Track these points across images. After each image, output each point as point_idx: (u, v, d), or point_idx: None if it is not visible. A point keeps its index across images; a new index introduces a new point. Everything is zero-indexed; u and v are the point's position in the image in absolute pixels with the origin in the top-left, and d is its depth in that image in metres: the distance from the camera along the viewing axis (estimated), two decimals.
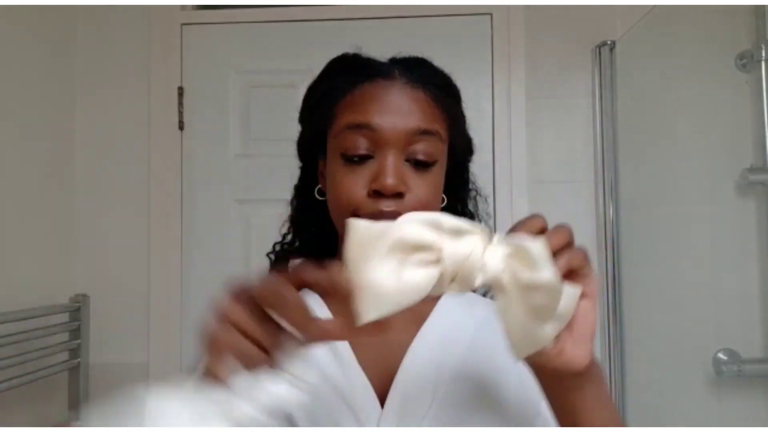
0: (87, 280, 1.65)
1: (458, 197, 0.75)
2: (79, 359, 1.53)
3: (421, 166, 0.62)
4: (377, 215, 0.59)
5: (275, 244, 0.79)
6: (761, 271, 1.30)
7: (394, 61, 0.67)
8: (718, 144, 1.37)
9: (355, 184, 0.61)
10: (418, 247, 0.40)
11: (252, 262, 1.66)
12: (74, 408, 1.54)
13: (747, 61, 1.31)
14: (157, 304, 1.65)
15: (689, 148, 1.42)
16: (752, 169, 1.29)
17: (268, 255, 0.79)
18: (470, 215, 0.77)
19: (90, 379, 1.59)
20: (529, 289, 0.41)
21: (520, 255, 0.41)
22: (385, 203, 0.59)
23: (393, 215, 0.58)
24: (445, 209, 0.70)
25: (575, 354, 0.45)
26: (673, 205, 1.46)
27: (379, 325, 0.40)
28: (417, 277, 0.40)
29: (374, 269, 0.39)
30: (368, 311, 0.39)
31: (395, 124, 0.60)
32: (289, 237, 0.78)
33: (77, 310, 1.54)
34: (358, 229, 0.41)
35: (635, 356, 1.49)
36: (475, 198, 0.77)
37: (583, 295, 0.44)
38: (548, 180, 1.63)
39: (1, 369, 1.26)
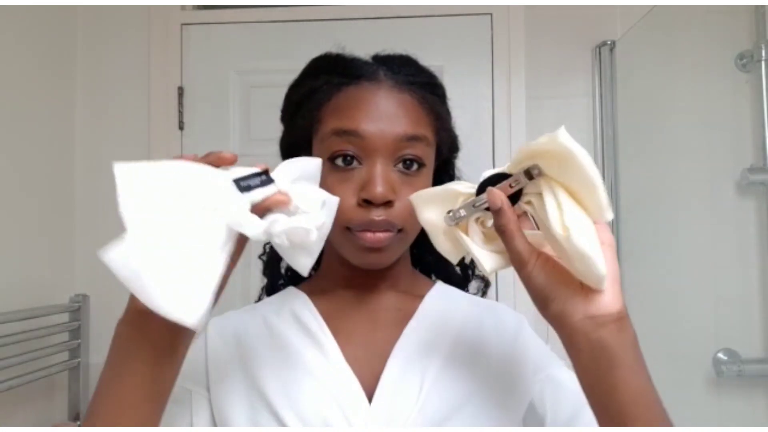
0: (87, 280, 1.65)
1: None
2: (79, 359, 1.53)
3: (409, 171, 0.62)
4: (368, 224, 0.60)
5: (265, 245, 0.80)
6: (761, 271, 1.31)
7: (378, 60, 0.66)
8: (718, 144, 1.37)
9: (345, 193, 0.60)
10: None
11: (251, 262, 1.66)
12: (74, 408, 1.54)
13: (747, 61, 1.32)
14: None
15: (689, 148, 1.42)
16: (752, 169, 1.29)
17: (260, 257, 0.81)
18: None
19: (90, 379, 1.59)
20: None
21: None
22: (375, 212, 0.59)
23: (383, 224, 0.60)
24: None
25: (609, 296, 0.46)
26: (673, 205, 1.46)
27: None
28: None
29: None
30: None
31: (383, 131, 0.60)
32: None
33: (77, 310, 1.54)
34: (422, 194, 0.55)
35: None
36: None
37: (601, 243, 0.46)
38: None
39: (1, 369, 1.26)
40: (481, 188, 0.51)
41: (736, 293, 1.33)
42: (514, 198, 0.49)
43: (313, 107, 0.64)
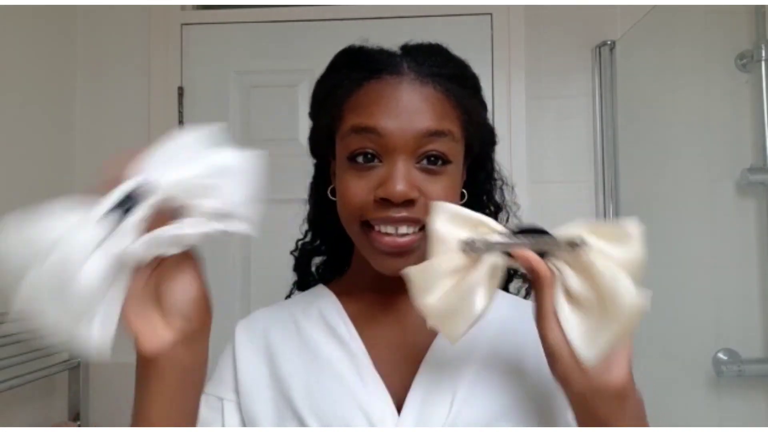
0: None
1: (483, 189, 0.72)
2: (79, 359, 1.53)
3: (433, 168, 0.58)
4: (386, 221, 0.57)
5: (298, 241, 0.78)
6: (761, 271, 1.30)
7: (406, 50, 0.63)
8: (718, 144, 1.37)
9: (362, 189, 0.57)
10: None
11: (252, 262, 1.66)
12: (74, 408, 1.54)
13: (747, 61, 1.31)
14: None
15: (689, 148, 1.42)
16: (752, 169, 1.29)
17: (292, 253, 0.78)
18: (496, 206, 0.73)
19: (90, 379, 1.59)
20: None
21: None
22: (393, 210, 0.56)
23: (403, 221, 0.56)
24: (467, 204, 0.64)
25: (613, 370, 0.48)
26: (673, 204, 1.46)
27: None
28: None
29: None
30: None
31: (403, 128, 0.56)
32: (310, 235, 0.76)
33: None
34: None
35: (635, 356, 1.49)
36: (501, 188, 0.74)
37: None
38: (548, 180, 1.63)
39: (1, 369, 1.26)
40: (515, 234, 0.50)
41: (736, 293, 1.33)
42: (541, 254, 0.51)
43: (335, 103, 0.61)
